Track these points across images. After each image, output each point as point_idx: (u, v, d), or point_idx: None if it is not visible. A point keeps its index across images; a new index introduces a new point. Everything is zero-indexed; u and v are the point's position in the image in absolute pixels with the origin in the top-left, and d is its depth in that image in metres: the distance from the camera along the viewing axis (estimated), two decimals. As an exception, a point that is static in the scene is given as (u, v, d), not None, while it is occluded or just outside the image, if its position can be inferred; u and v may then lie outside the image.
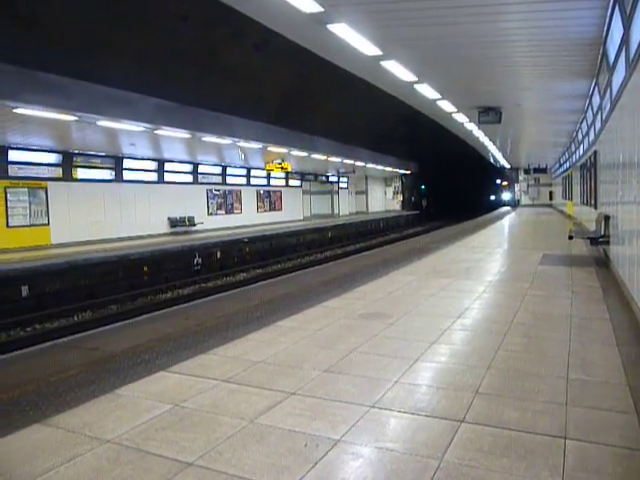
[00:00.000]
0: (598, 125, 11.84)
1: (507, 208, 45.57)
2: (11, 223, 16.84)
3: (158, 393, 4.02)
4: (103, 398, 3.96)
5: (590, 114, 13.50)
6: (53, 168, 18.55)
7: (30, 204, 17.45)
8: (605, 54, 8.32)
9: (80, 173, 19.57)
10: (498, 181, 59.04)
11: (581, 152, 18.01)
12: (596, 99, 11.48)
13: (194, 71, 17.04)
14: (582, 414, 3.45)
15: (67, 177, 18.90)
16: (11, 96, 11.81)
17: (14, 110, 12.63)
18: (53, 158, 18.59)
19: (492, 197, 64.09)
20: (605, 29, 7.47)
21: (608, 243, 9.84)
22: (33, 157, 17.82)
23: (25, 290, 12.78)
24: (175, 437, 3.27)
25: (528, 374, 4.20)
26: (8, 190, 16.78)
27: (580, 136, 17.92)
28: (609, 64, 8.19)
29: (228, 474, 2.82)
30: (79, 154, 19.41)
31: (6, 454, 3.12)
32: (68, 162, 19.00)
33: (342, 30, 7.51)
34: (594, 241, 10.96)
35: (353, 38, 7.87)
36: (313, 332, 5.66)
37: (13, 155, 17.13)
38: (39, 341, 7.90)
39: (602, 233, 10.32)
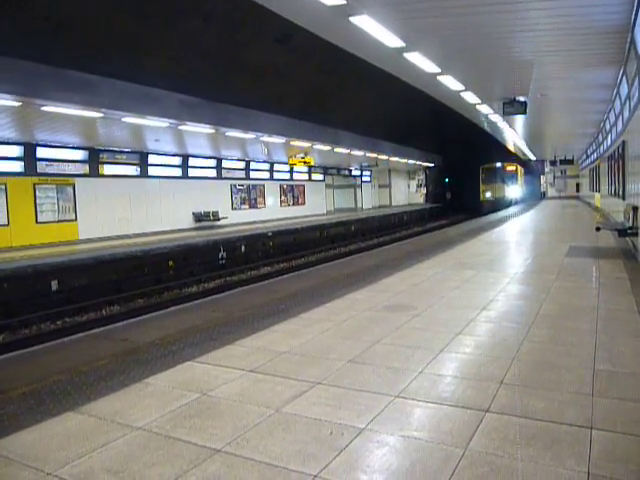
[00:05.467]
0: (626, 114, 11.63)
1: (536, 200, 40.95)
2: (40, 219, 17.21)
3: (186, 382, 4.10)
4: (133, 387, 4.05)
5: (618, 103, 13.26)
6: (80, 165, 18.86)
7: (58, 200, 17.80)
8: (633, 41, 8.16)
9: (106, 169, 19.86)
10: (499, 164, 40.97)
11: (609, 142, 17.70)
12: (624, 88, 11.26)
13: (219, 67, 17.14)
14: (609, 405, 3.43)
15: (94, 173, 19.20)
16: (40, 94, 12.03)
17: (42, 108, 12.89)
18: (80, 155, 18.89)
19: (488, 193, 41.46)
20: (633, 16, 7.31)
21: (636, 235, 9.68)
22: (60, 154, 18.13)
23: (55, 284, 13.05)
24: (203, 425, 3.34)
25: (554, 365, 4.18)
26: (37, 187, 17.13)
27: (608, 126, 17.61)
28: (637, 52, 8.03)
29: (255, 460, 2.87)
30: (105, 150, 19.70)
31: (42, 440, 3.22)
32: (94, 158, 19.29)
33: (365, 22, 7.49)
34: (622, 233, 10.79)
35: (376, 30, 7.84)
36: (338, 324, 5.70)
37: (41, 152, 17.46)
38: (68, 334, 8.08)
39: (630, 224, 10.16)
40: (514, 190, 40.94)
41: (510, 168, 40.65)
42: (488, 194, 41.59)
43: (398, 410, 3.46)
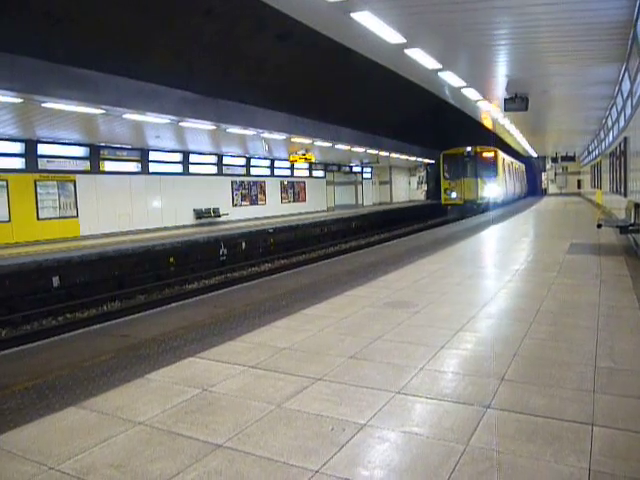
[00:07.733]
0: (628, 111, 11.60)
1: (536, 197, 41.36)
2: (41, 215, 17.20)
3: (187, 378, 4.10)
4: (134, 383, 4.06)
5: (620, 100, 13.23)
6: (81, 161, 18.84)
7: (59, 197, 17.78)
8: (636, 37, 8.13)
9: (107, 166, 19.86)
10: (469, 148, 27.88)
11: (610, 139, 17.66)
12: (626, 84, 11.24)
13: (219, 63, 17.12)
14: (610, 401, 3.43)
15: (95, 170, 19.19)
16: (40, 91, 12.02)
17: (43, 105, 12.88)
18: (81, 151, 18.87)
19: (454, 193, 28.84)
20: (636, 11, 7.30)
21: (638, 231, 9.68)
22: (61, 150, 18.12)
23: (56, 281, 13.06)
24: (204, 420, 3.34)
25: (555, 362, 4.18)
26: (38, 183, 17.11)
27: (610, 123, 17.57)
28: (640, 48, 8.02)
29: (256, 455, 2.88)
30: (106, 147, 19.68)
31: (44, 435, 3.23)
32: (95, 155, 19.28)
33: (366, 18, 7.48)
34: (624, 229, 10.78)
35: (377, 26, 7.83)
36: (338, 320, 5.70)
37: (42, 149, 17.44)
38: (69, 330, 8.09)
39: (632, 221, 10.15)
40: (492, 188, 28.05)
41: (487, 155, 28.12)
42: (453, 194, 29.11)
43: (399, 406, 3.46)
